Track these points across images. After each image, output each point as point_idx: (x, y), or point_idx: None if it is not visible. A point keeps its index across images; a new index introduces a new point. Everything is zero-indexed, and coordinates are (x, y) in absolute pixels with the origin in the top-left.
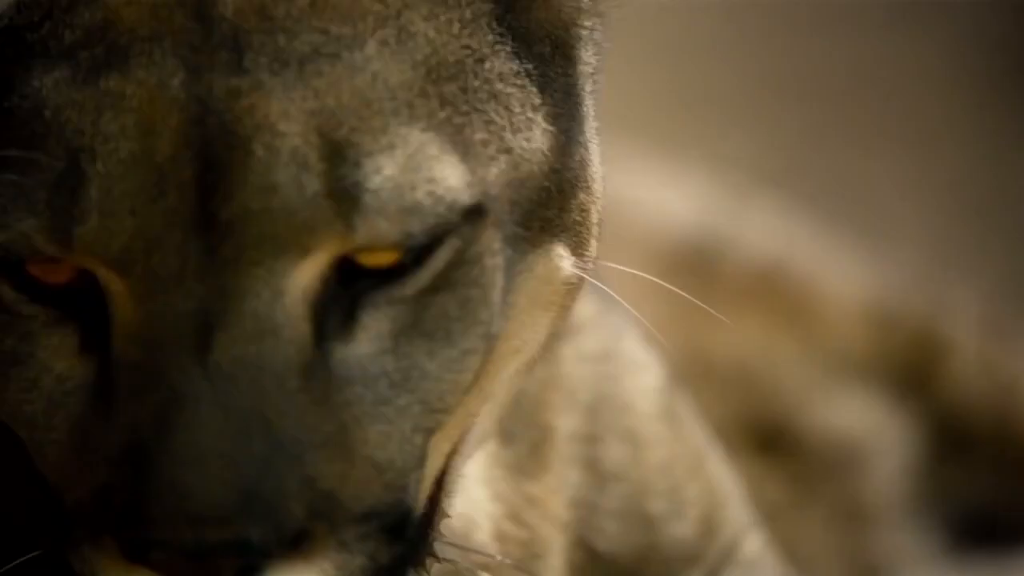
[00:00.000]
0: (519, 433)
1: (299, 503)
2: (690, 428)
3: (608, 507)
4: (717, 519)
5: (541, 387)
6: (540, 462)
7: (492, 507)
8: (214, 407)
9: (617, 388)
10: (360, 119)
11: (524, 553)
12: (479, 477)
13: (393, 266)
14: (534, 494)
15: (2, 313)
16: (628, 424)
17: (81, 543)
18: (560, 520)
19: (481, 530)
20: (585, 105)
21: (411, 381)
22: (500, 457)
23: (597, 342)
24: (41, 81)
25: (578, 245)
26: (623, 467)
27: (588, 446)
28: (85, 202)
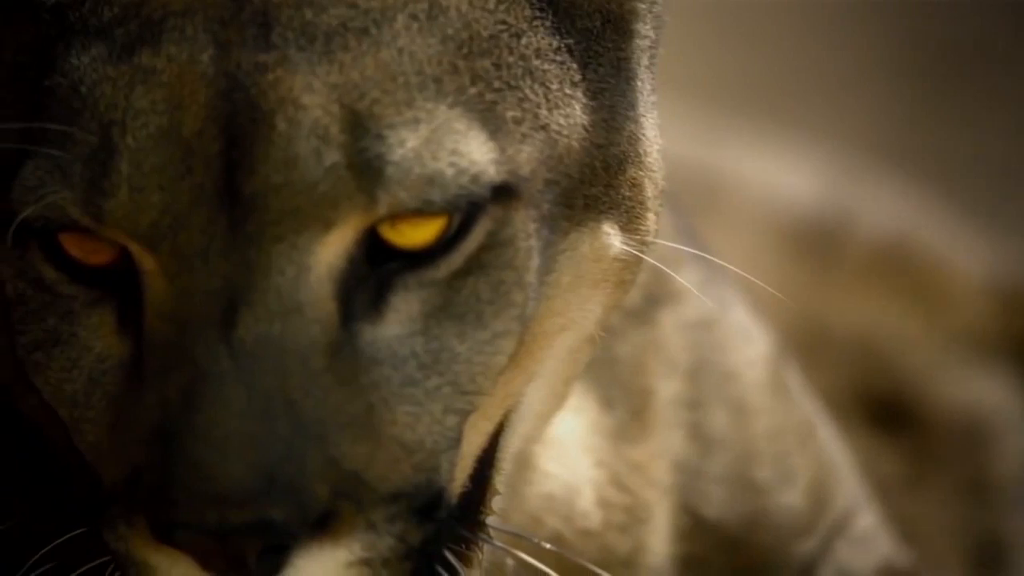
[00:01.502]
0: (618, 399)
1: (323, 484)
2: (799, 399)
3: (713, 473)
4: (828, 491)
5: (639, 353)
6: (642, 427)
7: (594, 473)
8: (238, 386)
9: (723, 357)
10: (384, 92)
11: (628, 518)
12: (581, 444)
13: (425, 249)
14: (637, 459)
15: (44, 293)
16: (734, 392)
17: (116, 522)
18: (663, 485)
19: (584, 497)
20: (639, 79)
21: (441, 363)
22: (601, 423)
23: (700, 310)
24: (79, 58)
25: (630, 221)
26: (728, 434)
27: (691, 411)
28: (115, 176)
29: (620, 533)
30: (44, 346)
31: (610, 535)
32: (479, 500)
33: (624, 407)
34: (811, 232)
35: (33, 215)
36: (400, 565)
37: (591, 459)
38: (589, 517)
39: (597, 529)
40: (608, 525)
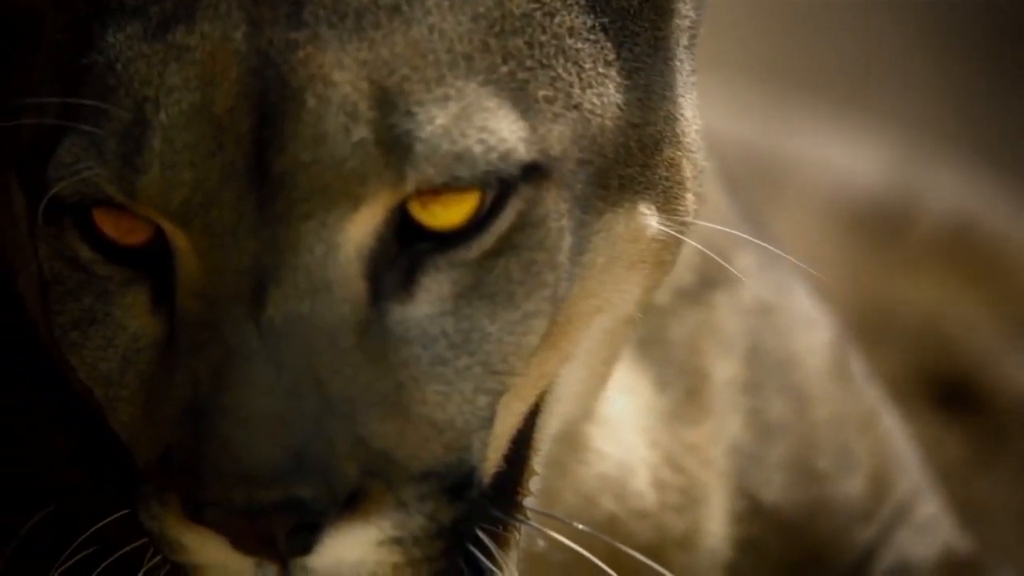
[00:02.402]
0: (672, 380)
1: (352, 462)
2: (862, 386)
3: (772, 460)
4: (889, 478)
5: (694, 335)
6: (698, 408)
7: (649, 454)
8: (266, 364)
9: (783, 343)
10: (414, 69)
11: (683, 499)
12: (635, 424)
13: (457, 230)
14: (692, 440)
15: (80, 272)
16: (794, 380)
17: (149, 501)
18: (720, 467)
19: (638, 477)
20: (677, 59)
21: (471, 343)
22: (655, 404)
23: (757, 294)
24: (115, 36)
25: (667, 201)
26: (788, 421)
27: (749, 396)
28: (148, 153)
29: (675, 514)
30: (80, 325)
31: (665, 516)
32: (515, 481)
33: (678, 388)
34: (875, 215)
35: (68, 191)
36: (432, 544)
37: (645, 440)
38: (644, 498)
39: (652, 510)
40: (663, 506)
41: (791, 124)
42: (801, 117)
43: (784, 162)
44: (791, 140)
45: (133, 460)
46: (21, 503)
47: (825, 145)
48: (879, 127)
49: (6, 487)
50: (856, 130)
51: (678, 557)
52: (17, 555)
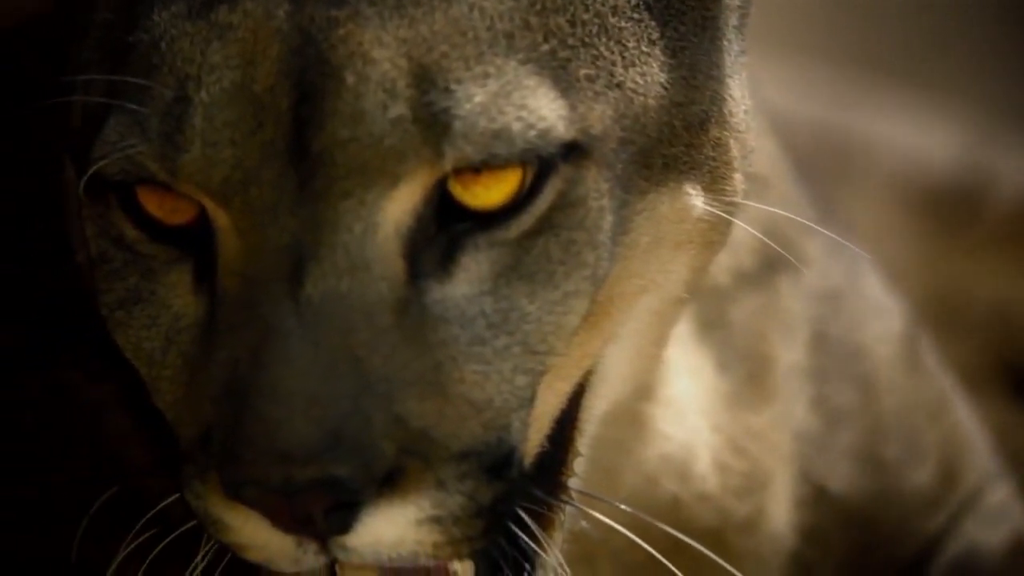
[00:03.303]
0: (733, 363)
1: (390, 441)
2: (932, 374)
3: (839, 448)
4: (958, 467)
5: (756, 319)
6: (761, 393)
7: (711, 437)
8: (304, 343)
9: (852, 330)
10: (453, 47)
11: (746, 483)
12: (697, 407)
13: (497, 209)
14: (755, 425)
15: (125, 252)
16: (863, 368)
17: (193, 480)
18: (784, 453)
19: (700, 460)
20: (725, 39)
21: (510, 323)
22: (716, 387)
23: (825, 280)
24: (160, 15)
25: (714, 182)
26: (855, 410)
27: (814, 383)
28: (189, 131)
29: (738, 498)
30: (125, 304)
31: (728, 500)
32: (559, 461)
33: (740, 372)
34: (948, 198)
35: (113, 169)
36: (471, 523)
37: (707, 423)
38: (706, 481)
39: (714, 493)
40: (726, 489)
41: (862, 105)
42: (872, 97)
43: (855, 144)
44: (862, 121)
45: (178, 440)
46: (90, 482)
47: (897, 126)
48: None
49: (76, 467)
50: (929, 111)
51: (740, 541)
52: (86, 534)
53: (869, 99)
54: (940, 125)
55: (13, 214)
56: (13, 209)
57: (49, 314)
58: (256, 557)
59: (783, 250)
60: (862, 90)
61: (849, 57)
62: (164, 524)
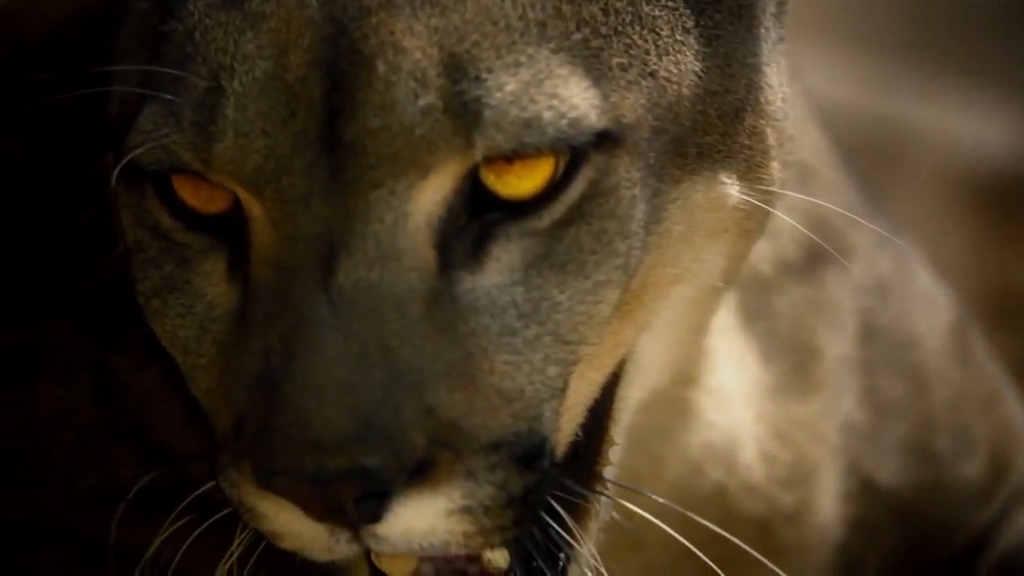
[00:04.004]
0: (778, 354)
1: (420, 431)
2: (983, 367)
3: (888, 441)
4: (1009, 460)
5: (801, 310)
6: (807, 384)
7: (756, 427)
8: (335, 332)
9: (901, 322)
10: (484, 36)
11: (792, 474)
12: (742, 396)
13: (529, 199)
14: (801, 416)
15: (161, 240)
16: (912, 360)
17: (227, 469)
18: (831, 444)
19: (745, 450)
20: (762, 27)
21: (541, 313)
22: (760, 378)
23: (873, 270)
24: (194, 4)
25: (750, 170)
26: (905, 402)
27: (863, 375)
28: (222, 121)
29: (784, 488)
30: (161, 293)
31: (774, 490)
32: (593, 451)
33: (784, 363)
34: (1000, 188)
35: (149, 158)
36: (502, 513)
37: (752, 413)
38: (751, 470)
39: (760, 483)
40: (771, 479)
41: (913, 95)
42: (924, 87)
43: (906, 135)
44: (913, 111)
45: (210, 428)
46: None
47: (949, 117)
48: (1005, 98)
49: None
50: (981, 101)
51: (787, 532)
52: (127, 515)
53: (921, 89)
54: (992, 115)
55: (62, 203)
56: (62, 198)
57: (98, 304)
58: (290, 545)
59: (830, 240)
60: (914, 80)
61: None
62: (203, 510)
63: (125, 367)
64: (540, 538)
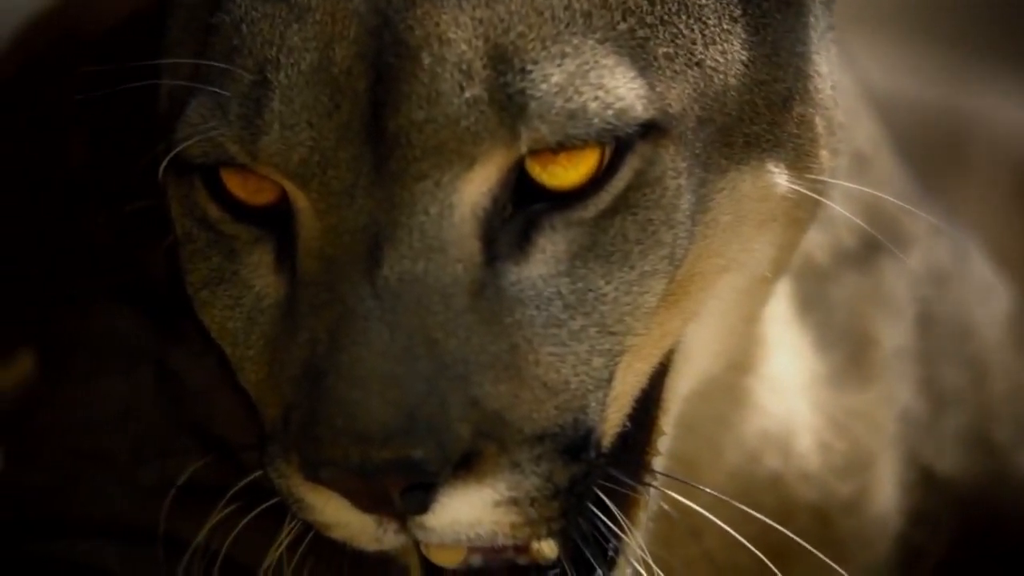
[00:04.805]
0: (833, 343)
1: (465, 423)
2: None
3: (947, 431)
4: None
5: (857, 299)
6: (864, 373)
7: (812, 417)
8: (381, 324)
9: (959, 312)
10: (530, 27)
11: (848, 463)
12: (797, 386)
13: (574, 189)
14: (857, 405)
15: (209, 232)
16: (971, 350)
17: (276, 460)
18: (888, 434)
19: (802, 439)
20: (811, 15)
21: (586, 304)
22: (816, 367)
23: (930, 261)
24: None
25: (798, 159)
26: (963, 393)
27: (921, 365)
28: (268, 114)
29: (840, 478)
30: (209, 284)
31: (830, 479)
32: (642, 441)
33: (840, 352)
34: None
35: (196, 151)
36: (549, 505)
37: (808, 402)
38: (808, 459)
39: (816, 472)
40: (828, 469)
41: (972, 86)
42: (982, 78)
43: (964, 125)
44: (972, 102)
45: (261, 420)
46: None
47: (1008, 107)
48: None
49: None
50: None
51: (845, 521)
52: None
53: (979, 80)
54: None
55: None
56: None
57: (156, 297)
58: (338, 535)
59: (886, 230)
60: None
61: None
62: (253, 498)
63: (183, 359)
64: (588, 529)
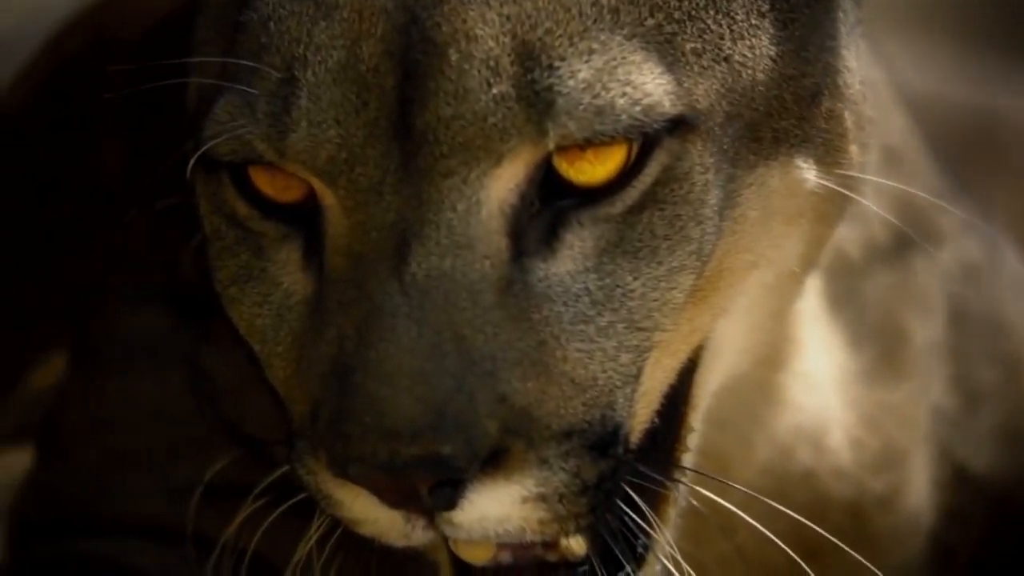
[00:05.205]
0: (866, 339)
1: (493, 420)
2: None
3: (981, 429)
4: None
5: (889, 295)
6: (896, 369)
7: (844, 413)
8: (409, 321)
9: (992, 308)
10: (557, 23)
11: (882, 459)
12: (829, 382)
13: (601, 185)
14: (890, 401)
15: (238, 229)
16: (1005, 347)
17: (304, 456)
18: (921, 430)
19: (834, 435)
20: (840, 10)
21: (614, 300)
22: (848, 363)
23: (962, 257)
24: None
25: (827, 154)
26: (997, 390)
27: (953, 362)
28: (296, 112)
29: (874, 474)
30: (238, 281)
31: (863, 475)
32: (671, 438)
33: (873, 348)
34: None
35: (225, 149)
36: (577, 501)
37: (840, 398)
38: (840, 455)
39: (849, 468)
40: (861, 465)
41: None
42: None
43: (1001, 124)
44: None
45: (290, 416)
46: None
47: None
48: None
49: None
50: None
51: (878, 517)
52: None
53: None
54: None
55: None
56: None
57: (188, 298)
58: (367, 531)
59: (918, 226)
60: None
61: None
62: (281, 493)
63: (214, 359)
64: (617, 526)
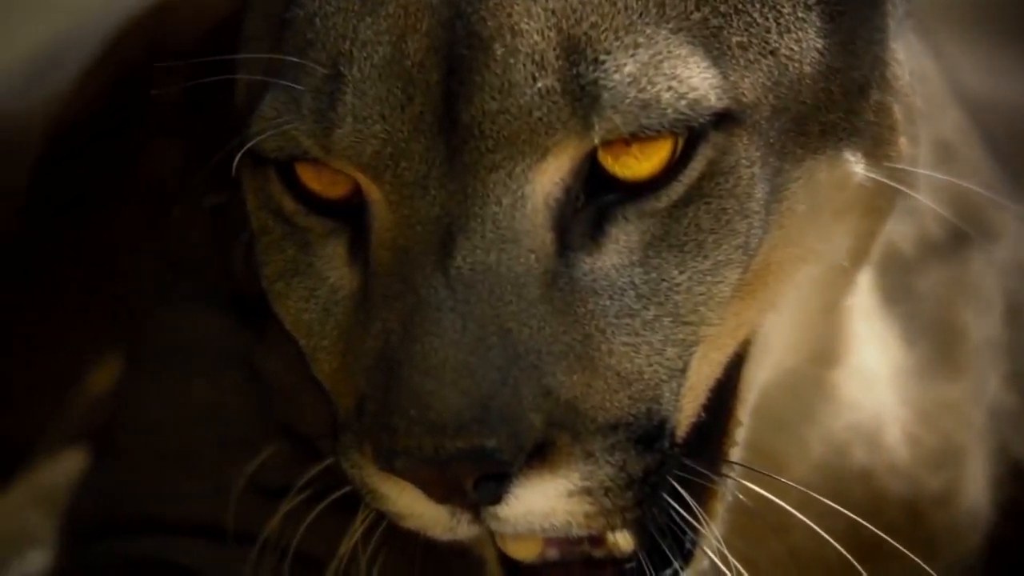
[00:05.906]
0: (921, 335)
1: (538, 413)
2: None
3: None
4: None
5: (944, 290)
6: (953, 365)
7: (900, 410)
8: (454, 315)
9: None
10: (603, 17)
11: (938, 457)
12: (883, 378)
13: (647, 180)
14: (946, 398)
15: (284, 224)
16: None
17: (349, 450)
18: (977, 427)
19: (890, 431)
20: (888, 2)
21: (660, 294)
22: (903, 359)
23: (1018, 253)
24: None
25: (876, 147)
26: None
27: (1010, 358)
28: (341, 107)
29: (931, 471)
30: (284, 276)
31: (920, 472)
32: (719, 432)
33: (928, 344)
34: None
35: (271, 145)
36: (623, 494)
37: (895, 394)
38: (897, 452)
39: (906, 465)
40: (918, 462)
41: None
42: None
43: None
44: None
45: (336, 410)
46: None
47: None
48: None
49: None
50: None
51: (936, 514)
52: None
53: None
54: None
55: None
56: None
57: (242, 298)
58: (412, 526)
59: (973, 221)
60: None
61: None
62: (326, 488)
63: (268, 359)
64: (664, 521)
